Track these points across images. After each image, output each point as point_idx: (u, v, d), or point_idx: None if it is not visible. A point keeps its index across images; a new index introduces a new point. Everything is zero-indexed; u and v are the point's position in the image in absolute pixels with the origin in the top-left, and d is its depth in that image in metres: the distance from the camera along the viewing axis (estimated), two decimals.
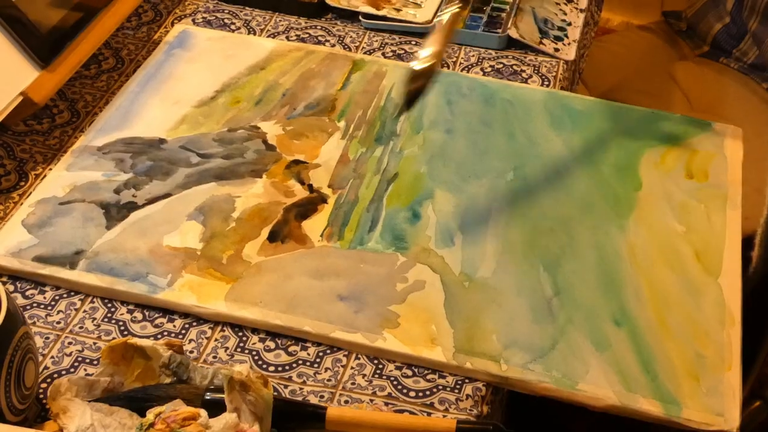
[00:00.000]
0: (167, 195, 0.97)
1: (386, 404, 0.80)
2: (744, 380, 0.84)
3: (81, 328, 0.86)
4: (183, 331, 0.86)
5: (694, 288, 0.90)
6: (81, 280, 0.88)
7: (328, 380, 0.82)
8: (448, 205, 0.97)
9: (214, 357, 0.84)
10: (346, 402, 0.80)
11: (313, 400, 0.80)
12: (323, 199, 0.97)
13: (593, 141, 1.05)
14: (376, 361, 0.84)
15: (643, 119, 1.09)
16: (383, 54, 1.18)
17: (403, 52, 1.18)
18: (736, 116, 1.41)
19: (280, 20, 1.23)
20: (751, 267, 1.02)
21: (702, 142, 1.06)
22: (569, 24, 1.25)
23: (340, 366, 0.83)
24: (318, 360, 0.84)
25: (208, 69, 1.13)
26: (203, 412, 0.72)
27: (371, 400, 0.80)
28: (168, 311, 0.87)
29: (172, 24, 1.22)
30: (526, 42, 1.19)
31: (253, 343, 0.85)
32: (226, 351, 0.84)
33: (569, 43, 1.21)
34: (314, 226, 0.95)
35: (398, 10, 1.22)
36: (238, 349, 0.84)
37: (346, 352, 0.84)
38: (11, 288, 0.89)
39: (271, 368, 0.83)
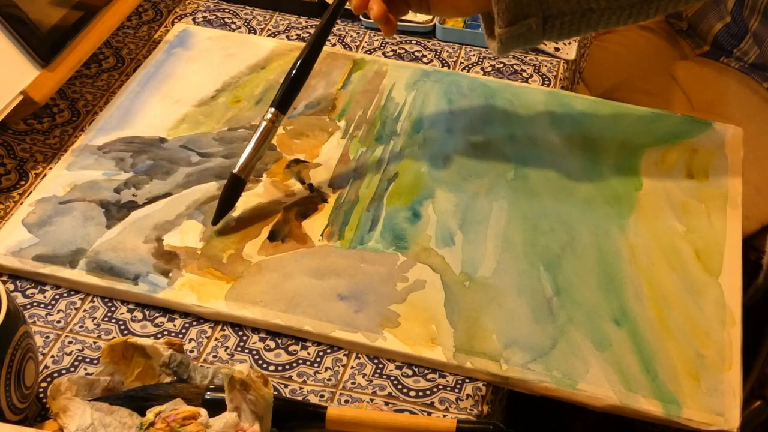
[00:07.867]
0: (168, 194, 0.97)
1: (386, 404, 0.80)
2: (744, 380, 0.84)
3: (81, 327, 0.86)
4: (183, 331, 0.86)
5: (695, 288, 0.90)
6: (81, 280, 0.88)
7: (329, 380, 0.82)
8: (449, 205, 0.97)
9: (215, 356, 0.84)
10: (347, 401, 0.80)
11: (314, 399, 0.80)
12: (323, 199, 0.97)
13: (593, 140, 1.05)
14: (376, 361, 0.84)
15: (643, 119, 1.09)
16: (383, 53, 1.18)
17: (403, 51, 1.18)
18: (736, 116, 1.41)
19: (280, 19, 1.23)
20: (762, 273, 1.02)
21: (702, 142, 1.06)
22: None
23: (341, 365, 0.83)
24: (318, 359, 0.84)
25: (208, 68, 1.13)
26: (203, 412, 0.72)
27: (371, 400, 0.80)
28: (168, 310, 0.87)
29: (173, 23, 1.22)
30: None
31: (254, 343, 0.85)
32: (226, 350, 0.84)
33: (569, 43, 1.21)
34: (314, 225, 0.95)
35: None
36: (239, 349, 0.84)
37: (346, 352, 0.84)
38: (11, 287, 0.89)
39: (272, 367, 0.83)
